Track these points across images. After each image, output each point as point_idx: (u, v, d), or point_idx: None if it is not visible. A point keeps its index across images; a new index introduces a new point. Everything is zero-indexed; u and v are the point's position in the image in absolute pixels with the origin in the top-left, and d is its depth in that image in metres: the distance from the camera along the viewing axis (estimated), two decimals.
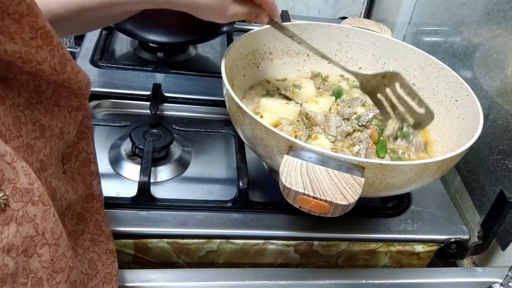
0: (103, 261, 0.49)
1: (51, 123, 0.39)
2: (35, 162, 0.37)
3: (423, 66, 0.75)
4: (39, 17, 0.34)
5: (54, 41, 0.36)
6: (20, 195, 0.32)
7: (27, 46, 0.34)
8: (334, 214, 0.48)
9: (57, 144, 0.41)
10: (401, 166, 0.52)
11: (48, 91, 0.39)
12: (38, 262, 0.33)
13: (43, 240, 0.34)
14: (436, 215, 0.70)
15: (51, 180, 0.39)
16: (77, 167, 0.47)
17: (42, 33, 0.35)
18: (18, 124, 0.35)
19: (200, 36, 0.91)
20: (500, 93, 0.73)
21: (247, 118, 0.56)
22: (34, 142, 0.37)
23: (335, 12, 1.35)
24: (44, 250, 0.34)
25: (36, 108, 0.38)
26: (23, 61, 0.34)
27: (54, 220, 0.35)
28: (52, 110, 0.40)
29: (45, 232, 0.34)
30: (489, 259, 0.73)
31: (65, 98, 0.40)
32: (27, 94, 0.37)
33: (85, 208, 0.49)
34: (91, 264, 0.47)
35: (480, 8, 0.80)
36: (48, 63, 0.36)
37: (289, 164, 0.50)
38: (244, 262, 0.66)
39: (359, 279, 0.60)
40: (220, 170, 0.74)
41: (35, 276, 0.33)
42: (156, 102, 0.79)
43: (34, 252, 0.33)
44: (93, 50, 0.92)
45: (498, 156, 0.72)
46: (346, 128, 0.68)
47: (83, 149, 0.47)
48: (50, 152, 0.39)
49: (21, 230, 0.32)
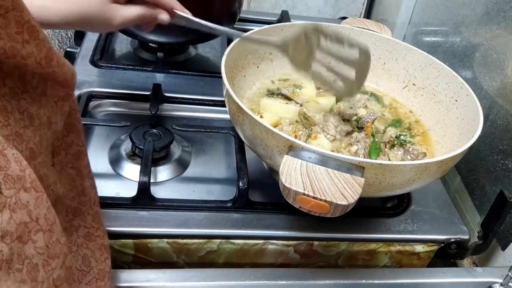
0: (96, 257, 0.49)
1: (39, 112, 0.39)
2: (25, 150, 0.37)
3: (423, 66, 0.75)
4: (24, 12, 0.34)
5: (40, 35, 0.35)
6: (12, 182, 0.32)
7: (13, 41, 0.33)
8: (334, 214, 0.48)
9: (46, 133, 0.40)
10: (401, 166, 0.52)
11: (34, 81, 0.38)
12: (33, 248, 0.33)
13: (37, 227, 0.34)
14: (436, 215, 0.70)
15: (39, 169, 0.39)
16: (70, 161, 0.47)
17: (28, 27, 0.34)
18: (5, 114, 0.35)
19: (200, 36, 0.91)
20: (500, 93, 0.73)
21: (247, 118, 0.56)
22: (23, 130, 0.37)
23: (335, 12, 1.35)
24: (39, 236, 0.34)
25: (22, 98, 0.37)
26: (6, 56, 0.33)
27: (47, 207, 0.35)
28: (39, 99, 0.39)
29: (39, 218, 0.34)
30: (489, 259, 0.73)
31: (51, 88, 0.40)
32: (11, 83, 0.36)
33: (82, 202, 0.48)
34: (85, 261, 0.47)
35: (480, 8, 0.80)
36: (33, 58, 0.35)
37: (289, 164, 0.50)
38: (244, 262, 0.66)
39: (359, 279, 0.60)
40: (220, 170, 0.74)
41: (31, 262, 0.33)
42: (156, 102, 0.79)
43: (28, 238, 0.33)
44: (93, 50, 0.92)
45: (498, 156, 0.72)
46: (345, 127, 0.68)
47: (73, 142, 0.47)
48: (39, 141, 0.39)
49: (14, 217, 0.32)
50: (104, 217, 0.60)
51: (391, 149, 0.67)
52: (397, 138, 0.68)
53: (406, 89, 0.78)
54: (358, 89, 0.62)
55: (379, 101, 0.77)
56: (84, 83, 0.83)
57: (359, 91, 0.62)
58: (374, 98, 0.77)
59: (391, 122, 0.73)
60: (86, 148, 0.49)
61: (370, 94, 0.78)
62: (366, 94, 0.78)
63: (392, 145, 0.68)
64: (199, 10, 0.84)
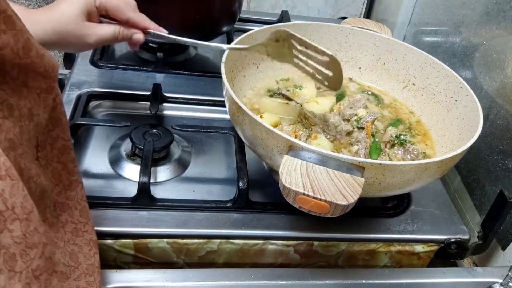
0: (85, 253, 0.48)
1: (19, 103, 0.39)
2: (4, 141, 0.36)
3: (423, 66, 0.75)
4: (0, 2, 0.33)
5: (17, 25, 0.35)
6: None
7: None
8: (334, 214, 0.48)
9: (27, 125, 0.40)
10: (401, 166, 0.52)
11: (14, 72, 0.38)
12: (10, 238, 0.33)
13: (13, 215, 0.33)
14: (436, 215, 0.70)
15: (20, 160, 0.38)
16: (56, 155, 0.46)
17: (5, 17, 0.34)
18: None
19: (200, 36, 0.91)
20: (500, 93, 0.73)
21: (247, 118, 0.56)
22: (2, 121, 0.36)
23: (335, 12, 1.35)
24: (15, 225, 0.33)
25: (1, 89, 0.37)
26: None
27: (24, 195, 0.34)
28: (19, 90, 0.39)
29: (15, 207, 0.33)
30: (489, 259, 0.73)
31: (32, 79, 0.40)
32: None
33: (69, 196, 0.48)
34: (73, 256, 0.46)
35: (480, 8, 0.80)
36: (10, 48, 0.35)
37: (289, 164, 0.50)
38: (244, 262, 0.66)
39: (359, 279, 0.60)
40: (220, 170, 0.74)
41: (8, 251, 0.33)
42: (156, 102, 0.79)
43: (4, 227, 0.33)
44: (93, 50, 0.92)
45: (498, 156, 0.72)
46: (346, 127, 0.68)
47: (58, 136, 0.46)
48: (20, 132, 0.39)
49: None
50: (104, 217, 0.61)
51: (391, 148, 0.67)
52: (397, 137, 0.68)
53: (406, 89, 0.78)
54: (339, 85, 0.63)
55: (379, 101, 0.77)
56: (84, 83, 0.83)
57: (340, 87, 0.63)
58: (374, 98, 0.77)
59: (392, 121, 0.73)
60: (86, 148, 0.49)
61: (370, 94, 0.78)
62: (366, 94, 0.78)
63: (392, 144, 0.68)
64: (199, 10, 0.84)
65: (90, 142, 0.74)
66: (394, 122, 0.73)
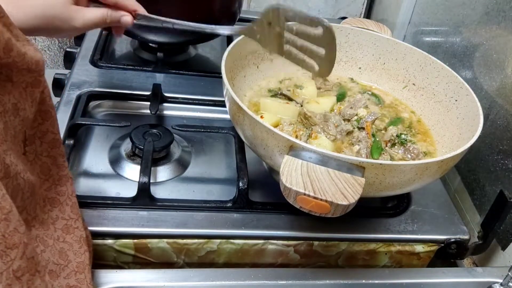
0: (75, 250, 0.48)
1: (3, 98, 0.38)
2: None
3: (423, 66, 0.75)
4: None
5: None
6: None
7: None
8: (334, 214, 0.48)
9: (12, 121, 0.39)
10: (401, 166, 0.52)
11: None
12: None
13: None
14: (436, 215, 0.70)
15: (4, 157, 0.37)
16: (45, 149, 0.46)
17: None
18: None
19: (200, 36, 0.91)
20: (500, 93, 0.73)
21: (247, 118, 0.56)
22: None
23: (335, 12, 1.35)
24: None
25: None
26: None
27: (2, 195, 0.33)
28: (3, 85, 0.38)
29: None
30: (489, 259, 0.73)
31: (17, 73, 0.39)
32: None
33: (59, 192, 0.48)
34: (62, 255, 0.46)
35: (480, 8, 0.80)
36: None
37: (290, 164, 0.50)
38: (244, 262, 0.66)
39: (359, 279, 0.60)
40: (220, 170, 0.74)
41: None
42: (156, 102, 0.79)
43: None
44: (93, 50, 0.92)
45: (498, 156, 0.72)
46: (346, 127, 0.68)
47: (48, 130, 0.46)
48: (4, 128, 0.38)
49: None
50: (105, 217, 0.61)
51: (392, 147, 0.67)
52: (398, 137, 0.68)
53: (406, 89, 0.78)
54: (330, 68, 0.62)
55: (380, 101, 0.77)
56: (84, 83, 0.83)
57: (330, 71, 0.62)
58: (375, 98, 0.77)
59: (392, 119, 0.73)
60: (86, 148, 0.48)
61: (370, 94, 0.78)
62: (367, 94, 0.78)
63: (393, 144, 0.68)
64: (199, 10, 0.84)
65: (90, 142, 0.74)
66: (395, 120, 0.73)
